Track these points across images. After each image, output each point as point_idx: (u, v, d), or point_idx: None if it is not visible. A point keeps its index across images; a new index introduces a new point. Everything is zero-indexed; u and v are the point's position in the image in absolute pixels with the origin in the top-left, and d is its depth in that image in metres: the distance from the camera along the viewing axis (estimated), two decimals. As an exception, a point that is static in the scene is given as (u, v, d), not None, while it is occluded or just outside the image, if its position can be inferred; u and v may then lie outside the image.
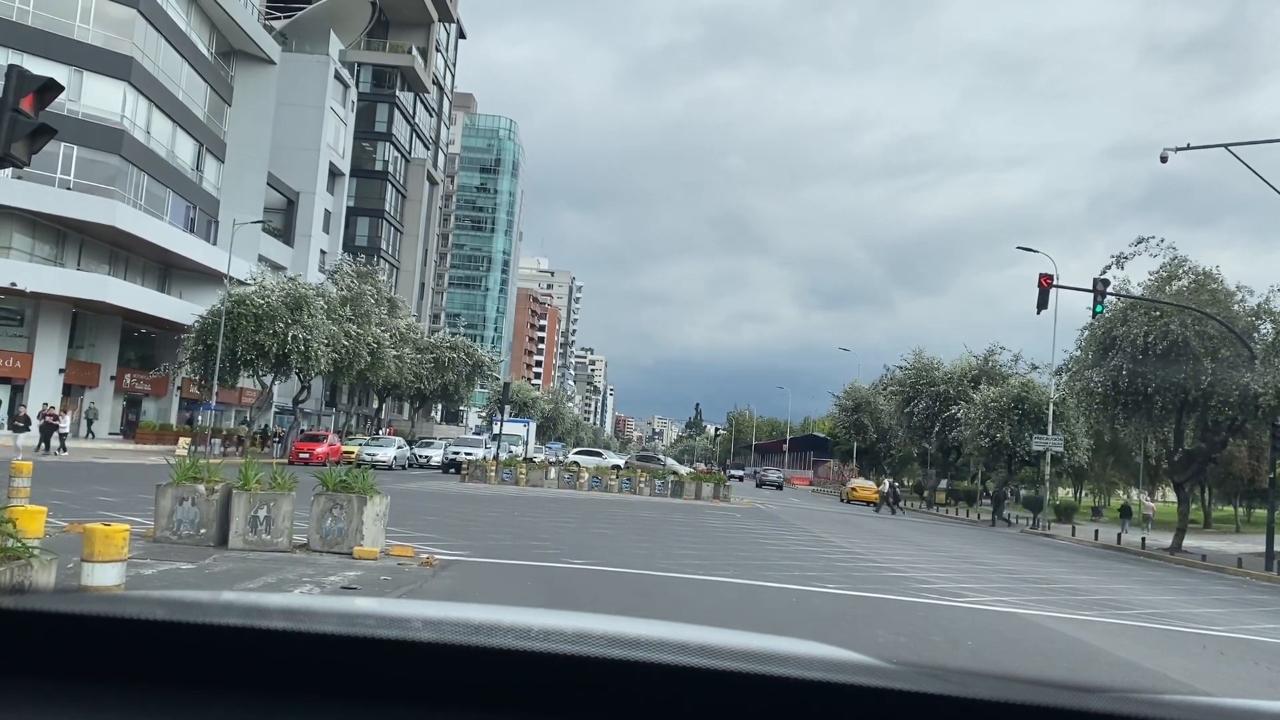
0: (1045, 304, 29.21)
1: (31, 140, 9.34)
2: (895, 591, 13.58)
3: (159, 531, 11.98)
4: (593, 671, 1.08)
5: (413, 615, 1.24)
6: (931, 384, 53.97)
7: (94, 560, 6.76)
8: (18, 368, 41.04)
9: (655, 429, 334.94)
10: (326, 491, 12.21)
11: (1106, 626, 12.00)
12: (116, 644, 1.12)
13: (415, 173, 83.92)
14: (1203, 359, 30.88)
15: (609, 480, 39.91)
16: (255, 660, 1.10)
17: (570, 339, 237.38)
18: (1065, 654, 9.83)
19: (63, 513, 13.97)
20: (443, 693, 1.08)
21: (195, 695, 1.07)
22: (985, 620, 11.73)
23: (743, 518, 29.71)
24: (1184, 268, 33.35)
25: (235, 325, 39.50)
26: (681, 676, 1.07)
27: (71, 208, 40.36)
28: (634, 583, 12.10)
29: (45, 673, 1.09)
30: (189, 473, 12.11)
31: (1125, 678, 8.79)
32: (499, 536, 16.83)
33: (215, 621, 1.17)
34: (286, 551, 11.81)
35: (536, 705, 1.07)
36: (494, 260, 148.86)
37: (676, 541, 18.92)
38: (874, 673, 1.12)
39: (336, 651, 1.12)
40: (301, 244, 63.40)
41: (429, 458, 47.93)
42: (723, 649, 1.15)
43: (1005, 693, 1.05)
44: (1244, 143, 26.03)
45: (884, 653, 6.70)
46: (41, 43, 38.90)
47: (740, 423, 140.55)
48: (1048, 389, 40.89)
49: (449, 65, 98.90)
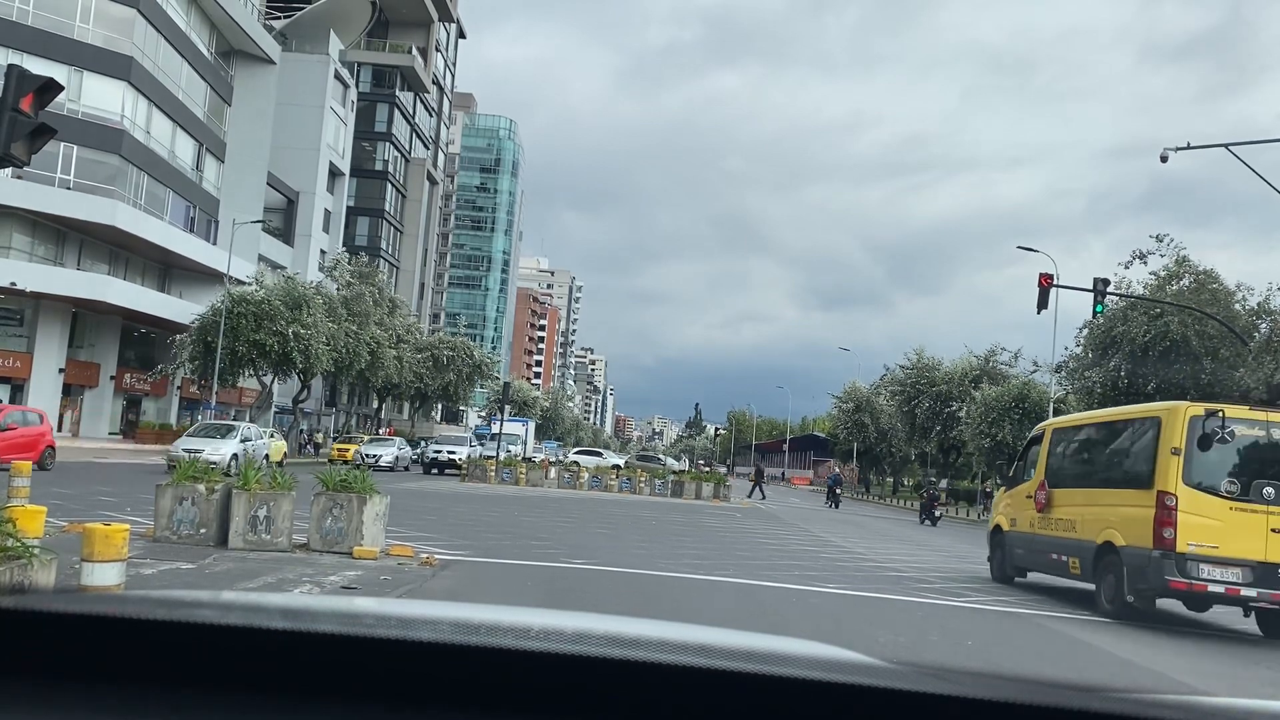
0: (1045, 304, 29.19)
1: (31, 140, 9.34)
2: (897, 591, 13.57)
3: (159, 531, 11.98)
4: (593, 671, 1.07)
5: (413, 615, 1.24)
6: (932, 384, 53.97)
7: (94, 560, 6.76)
8: (17, 368, 41.04)
9: (655, 429, 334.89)
10: (326, 491, 12.21)
11: (1102, 625, 11.98)
12: (116, 644, 1.11)
13: (415, 172, 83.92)
14: (1203, 358, 30.91)
15: (609, 480, 39.90)
16: (255, 660, 1.10)
17: (570, 339, 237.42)
18: (1067, 654, 9.83)
19: (63, 513, 13.95)
20: (443, 693, 1.08)
21: (195, 695, 1.06)
22: (985, 619, 11.73)
23: (743, 517, 29.71)
24: (1186, 267, 33.41)
25: (235, 324, 39.49)
26: (681, 676, 1.06)
27: (71, 207, 40.36)
28: (634, 583, 12.10)
29: (45, 673, 1.08)
30: (189, 472, 12.11)
31: (1125, 677, 8.79)
32: (499, 536, 16.83)
33: (215, 621, 1.16)
34: (286, 551, 11.80)
35: (537, 705, 1.07)
36: (494, 260, 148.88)
37: (677, 541, 18.92)
38: (874, 673, 1.12)
39: (336, 651, 1.11)
40: (301, 244, 63.38)
41: (378, 456, 39.02)
42: (723, 649, 1.14)
43: (1005, 692, 1.05)
44: (1244, 142, 26.02)
45: (885, 652, 6.70)
46: (41, 42, 38.88)
47: (740, 422, 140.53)
48: (1049, 388, 40.87)
49: (449, 65, 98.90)
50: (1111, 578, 12.35)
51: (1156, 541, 11.51)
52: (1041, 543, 14.62)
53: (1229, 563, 11.35)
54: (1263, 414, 12.02)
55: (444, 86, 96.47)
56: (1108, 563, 12.49)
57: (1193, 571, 11.34)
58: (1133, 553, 11.89)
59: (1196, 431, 11.69)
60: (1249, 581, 11.27)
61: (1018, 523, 15.58)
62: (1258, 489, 11.45)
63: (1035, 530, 14.85)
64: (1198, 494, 11.56)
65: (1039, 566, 14.93)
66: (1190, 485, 11.59)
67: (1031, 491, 15.14)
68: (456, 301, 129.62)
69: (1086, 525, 13.21)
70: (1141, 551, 11.72)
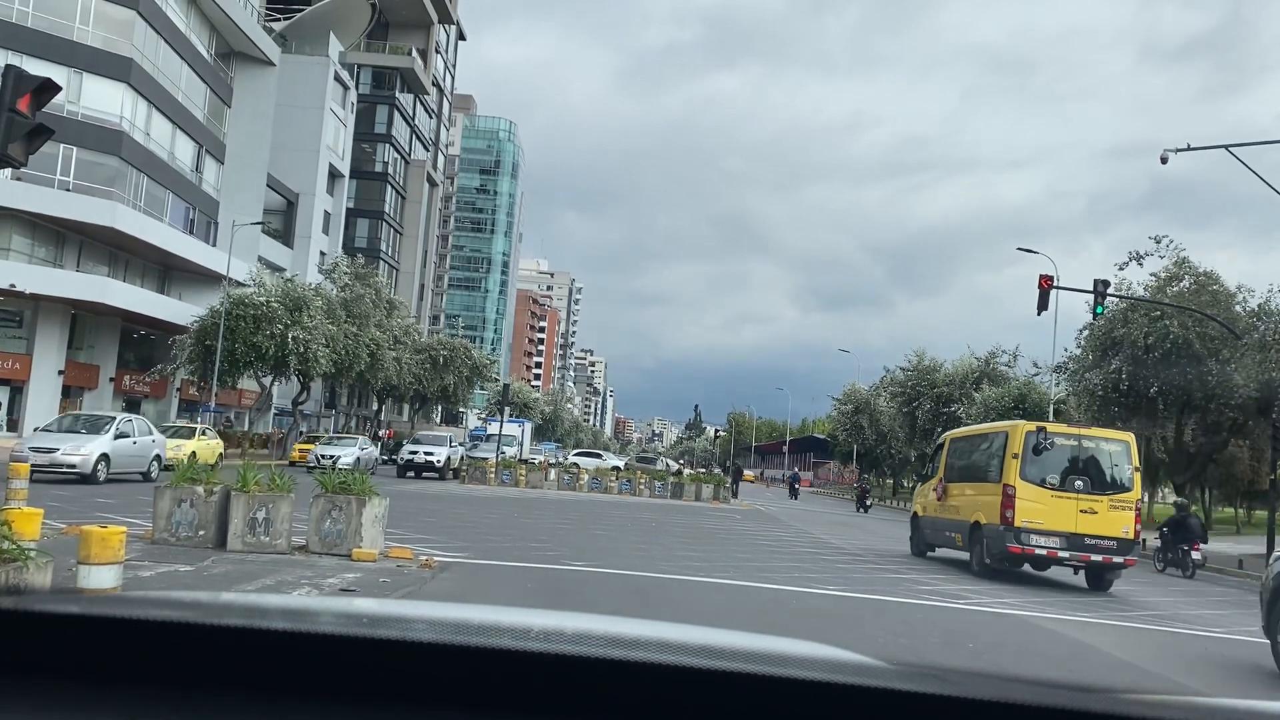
0: (1045, 305, 29.16)
1: (29, 141, 9.30)
2: (894, 593, 13.54)
3: (157, 533, 11.93)
4: (593, 672, 1.07)
5: (413, 615, 1.24)
6: (933, 385, 53.91)
7: (90, 563, 6.72)
8: (16, 369, 40.98)
9: (655, 430, 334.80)
10: (325, 493, 12.17)
11: (1104, 628, 11.95)
12: (112, 644, 1.11)
13: (415, 174, 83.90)
14: (1204, 360, 30.85)
15: (609, 481, 39.85)
16: (255, 660, 1.10)
17: (570, 340, 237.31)
18: (1067, 655, 9.79)
19: (62, 515, 13.92)
20: (443, 693, 1.08)
21: (194, 695, 1.06)
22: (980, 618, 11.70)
23: (742, 519, 29.67)
24: (1187, 269, 33.36)
25: (234, 326, 39.45)
26: (681, 677, 1.06)
27: (71, 209, 40.30)
28: (635, 585, 12.06)
29: (42, 673, 1.08)
30: (187, 474, 12.07)
31: (1125, 678, 8.76)
32: (499, 538, 16.78)
33: (214, 621, 1.16)
34: (285, 553, 11.76)
35: (537, 705, 1.07)
36: (494, 261, 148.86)
37: (677, 543, 18.88)
38: (874, 673, 1.12)
39: (336, 651, 1.11)
40: (301, 245, 63.34)
41: (335, 458, 31.94)
42: (723, 649, 1.15)
43: (1005, 693, 1.05)
44: (1244, 144, 26.00)
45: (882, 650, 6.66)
46: (41, 44, 38.83)
47: (740, 424, 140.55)
48: (1048, 388, 40.84)
49: (449, 67, 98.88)
50: (979, 547, 17.05)
51: (1003, 520, 16.10)
52: (940, 524, 19.17)
53: (1050, 534, 16.00)
54: (1076, 430, 17.39)
55: (444, 88, 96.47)
56: (976, 536, 17.19)
57: (1025, 540, 16.02)
58: (990, 528, 16.59)
59: (1030, 443, 16.31)
60: (1063, 547, 16.04)
61: (926, 510, 20.21)
62: (1071, 482, 16.26)
63: (936, 515, 19.48)
64: (1030, 486, 16.22)
65: (940, 542, 19.38)
66: (1025, 480, 16.23)
67: (935, 485, 19.81)
68: (456, 303, 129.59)
69: (966, 509, 17.83)
70: (995, 527, 16.37)
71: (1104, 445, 17.02)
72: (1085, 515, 15.99)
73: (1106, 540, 15.97)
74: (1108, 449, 16.96)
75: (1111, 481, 16.49)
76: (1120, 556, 16.03)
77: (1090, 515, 16.01)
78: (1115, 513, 16.14)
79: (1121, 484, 16.51)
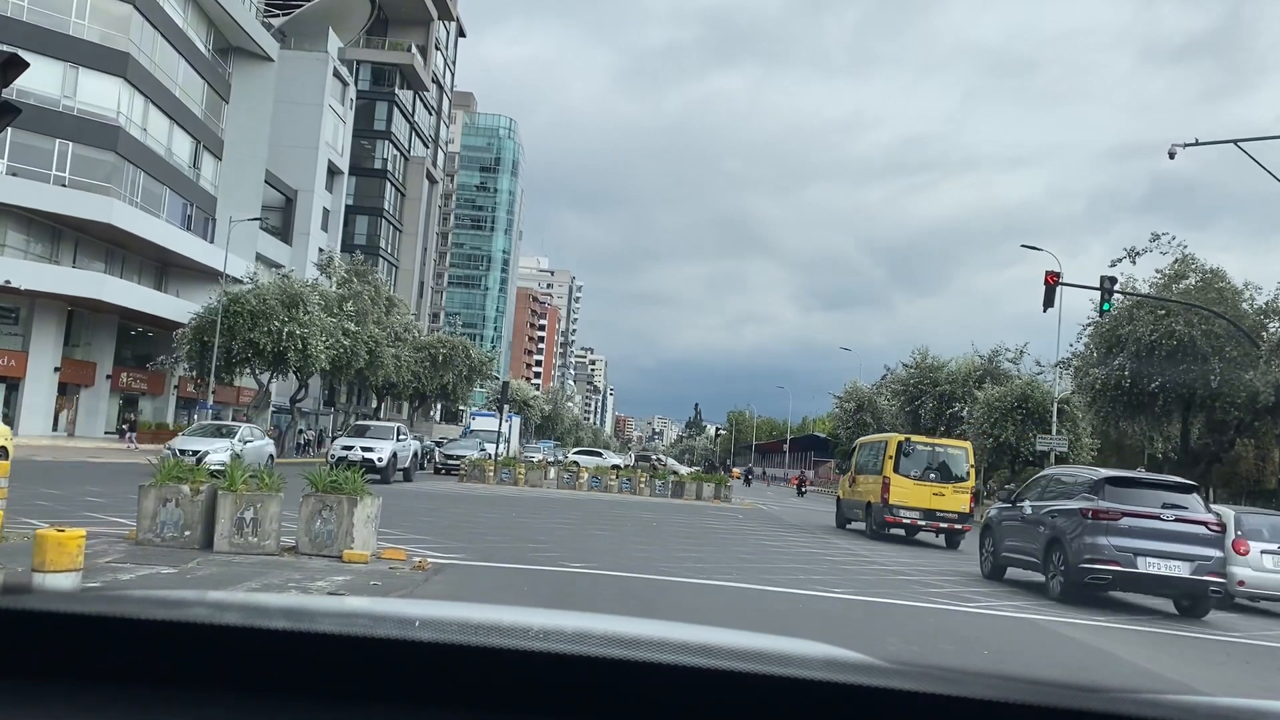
0: (1051, 302, 28.82)
1: None
2: (904, 596, 13.22)
3: (142, 534, 11.58)
4: (592, 671, 1.07)
5: (412, 614, 1.22)
6: (936, 384, 53.50)
7: (46, 570, 6.28)
8: (12, 366, 40.68)
9: (655, 429, 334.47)
10: (315, 492, 11.81)
11: (1095, 629, 11.63)
12: (89, 643, 1.08)
13: (414, 171, 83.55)
14: (1210, 358, 30.48)
15: (609, 480, 39.49)
16: (254, 660, 1.08)
17: (570, 339, 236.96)
18: (1066, 656, 9.48)
19: (49, 514, 13.59)
20: (442, 692, 1.07)
21: (192, 695, 1.04)
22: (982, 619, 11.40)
23: (744, 519, 29.35)
24: (1192, 266, 32.98)
25: (231, 323, 39.12)
26: (681, 676, 1.06)
27: (67, 205, 39.99)
28: (635, 587, 11.72)
29: (33, 673, 1.06)
30: (173, 472, 11.71)
31: (1125, 678, 8.59)
32: (496, 539, 16.43)
33: (209, 620, 1.14)
34: (274, 554, 11.41)
35: (536, 705, 1.07)
36: (494, 259, 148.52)
37: (678, 544, 18.54)
38: (874, 672, 1.12)
39: (334, 651, 1.09)
40: (300, 242, 62.99)
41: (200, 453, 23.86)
42: (723, 649, 1.15)
43: (1006, 693, 1.05)
44: (1253, 138, 25.67)
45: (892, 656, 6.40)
46: (38, 38, 38.46)
47: (740, 423, 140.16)
48: (1052, 387, 40.49)
49: (448, 63, 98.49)
50: (870, 520, 24.13)
51: (882, 500, 23.19)
52: (852, 504, 26.43)
53: (912, 510, 23.04)
54: (931, 439, 25.92)
55: (443, 85, 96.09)
56: (867, 511, 24.37)
57: (896, 514, 23.15)
58: (876, 506, 23.66)
59: (900, 448, 23.57)
60: (920, 518, 23.17)
61: (845, 494, 27.61)
62: (926, 475, 23.21)
63: (849, 497, 26.92)
64: (900, 478, 23.11)
65: (853, 518, 26.44)
66: (897, 474, 23.15)
67: (851, 476, 27.34)
68: (456, 301, 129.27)
69: (864, 493, 24.93)
70: (878, 505, 23.48)
71: (950, 450, 24.40)
72: (937, 497, 23.05)
73: (951, 514, 23.08)
74: (953, 453, 24.25)
75: (955, 475, 23.51)
76: (960, 525, 23.07)
77: (940, 497, 23.06)
78: (957, 495, 23.24)
79: (961, 477, 23.57)
